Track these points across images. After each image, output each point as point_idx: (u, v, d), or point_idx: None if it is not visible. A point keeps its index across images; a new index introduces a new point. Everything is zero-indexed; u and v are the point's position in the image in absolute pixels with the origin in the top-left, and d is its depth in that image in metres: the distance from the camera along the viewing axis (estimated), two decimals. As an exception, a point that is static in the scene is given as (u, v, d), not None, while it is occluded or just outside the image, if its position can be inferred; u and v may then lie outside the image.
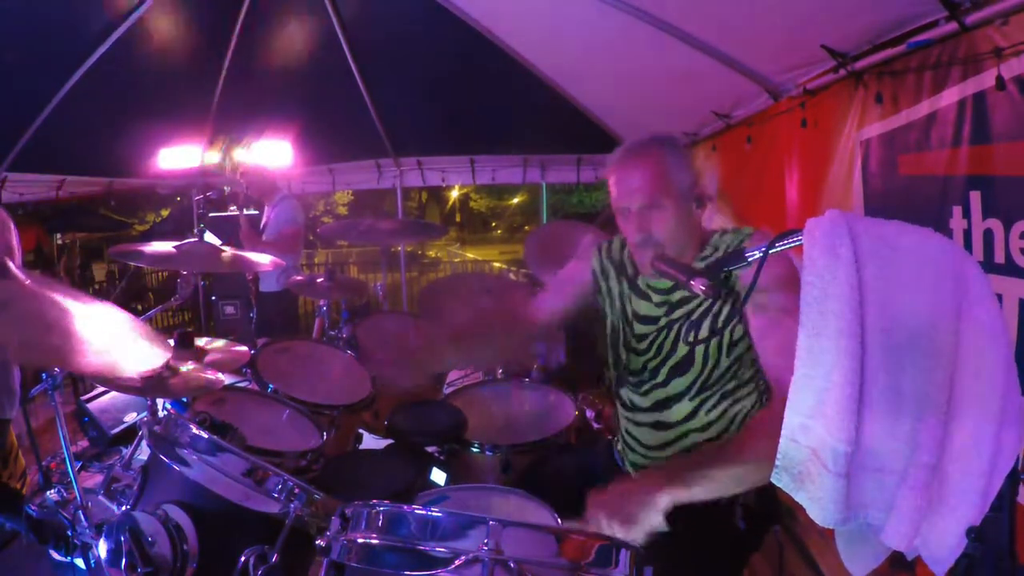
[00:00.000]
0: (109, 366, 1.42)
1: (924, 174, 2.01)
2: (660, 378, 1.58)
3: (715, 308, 1.49)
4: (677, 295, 1.56)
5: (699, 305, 1.51)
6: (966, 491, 0.87)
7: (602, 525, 1.21)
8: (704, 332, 1.50)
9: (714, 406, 1.54)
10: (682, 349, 1.53)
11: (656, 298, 1.59)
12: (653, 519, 1.19)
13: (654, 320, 1.59)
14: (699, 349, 1.51)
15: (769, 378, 1.38)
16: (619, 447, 1.77)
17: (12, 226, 2.37)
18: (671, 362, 1.55)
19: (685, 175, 1.48)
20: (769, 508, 1.58)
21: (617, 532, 1.19)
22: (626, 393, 1.69)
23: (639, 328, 1.62)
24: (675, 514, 1.23)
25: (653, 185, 1.45)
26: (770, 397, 1.53)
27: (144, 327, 1.60)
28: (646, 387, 1.62)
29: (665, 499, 1.19)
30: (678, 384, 1.55)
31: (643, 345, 1.61)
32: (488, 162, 5.71)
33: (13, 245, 2.32)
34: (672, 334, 1.55)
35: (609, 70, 3.89)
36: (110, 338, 1.46)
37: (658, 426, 1.62)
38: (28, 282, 1.52)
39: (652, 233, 1.46)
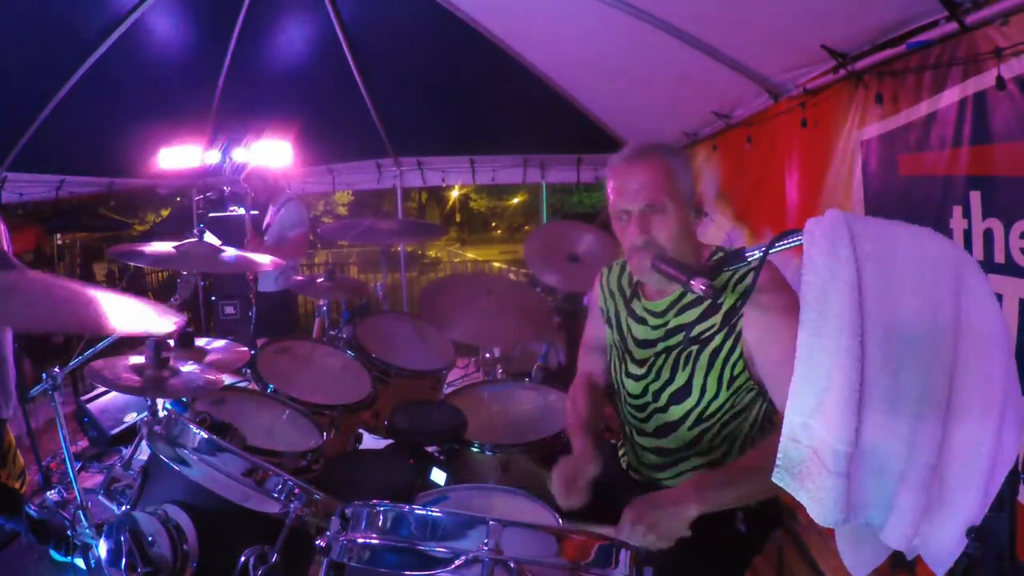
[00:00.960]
0: (138, 326, 1.47)
1: (924, 174, 2.01)
2: (661, 403, 1.57)
3: (716, 342, 1.46)
4: (673, 320, 1.54)
5: (697, 336, 1.49)
6: (966, 491, 0.87)
7: (630, 531, 1.25)
8: (703, 361, 1.48)
9: (715, 436, 1.52)
10: (680, 377, 1.52)
11: (652, 321, 1.58)
12: (680, 530, 1.25)
13: (651, 344, 1.58)
14: (697, 381, 1.49)
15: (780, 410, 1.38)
16: (623, 457, 1.77)
17: (3, 227, 2.37)
18: (670, 388, 1.54)
19: (687, 181, 1.47)
20: (771, 511, 1.57)
21: (645, 540, 1.23)
22: (629, 415, 1.68)
23: (638, 353, 1.61)
24: None
25: (657, 187, 1.42)
26: (771, 422, 1.53)
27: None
28: (648, 411, 1.61)
29: (694, 512, 1.25)
30: (676, 411, 1.54)
31: (643, 370, 1.60)
32: (488, 162, 5.71)
33: (2, 244, 2.32)
34: (670, 359, 1.53)
35: (609, 70, 3.89)
36: (125, 306, 1.49)
37: (660, 452, 1.61)
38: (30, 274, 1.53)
39: (653, 236, 1.43)
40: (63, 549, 2.05)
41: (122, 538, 1.33)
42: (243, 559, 1.34)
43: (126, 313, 1.47)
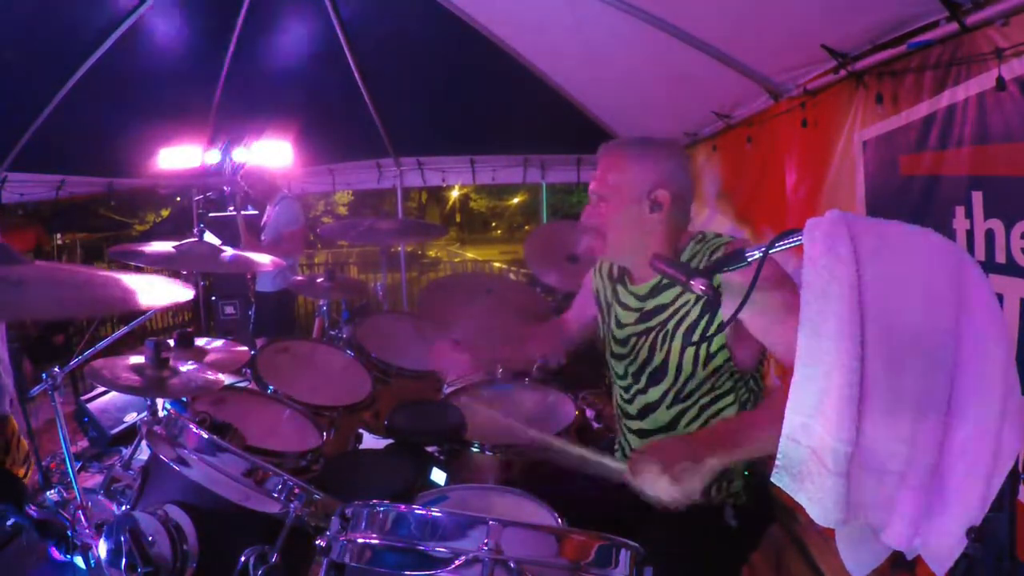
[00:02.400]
0: (164, 299, 1.47)
1: (925, 174, 2.01)
2: (641, 384, 1.60)
3: (692, 318, 1.48)
4: (652, 302, 1.57)
5: (674, 313, 1.52)
6: (966, 491, 0.87)
7: (646, 475, 1.23)
8: (679, 339, 1.50)
9: (694, 417, 1.54)
10: (658, 357, 1.54)
11: (633, 303, 1.62)
12: (696, 483, 1.20)
13: (632, 325, 1.62)
14: (673, 359, 1.51)
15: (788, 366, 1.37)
16: (617, 451, 1.78)
17: None
18: (649, 369, 1.57)
19: (639, 176, 1.52)
20: (763, 507, 1.58)
21: (659, 487, 1.21)
22: (617, 399, 1.71)
23: (618, 332, 1.65)
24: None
25: (603, 177, 1.57)
26: (755, 404, 1.54)
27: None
28: (631, 393, 1.64)
29: (714, 463, 1.22)
30: (655, 392, 1.57)
31: (624, 350, 1.64)
32: (488, 162, 5.71)
33: None
34: (648, 340, 1.57)
35: (610, 70, 3.89)
36: (141, 280, 1.49)
37: (642, 434, 1.63)
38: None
39: (596, 221, 1.57)
40: (63, 547, 2.04)
41: (122, 538, 1.33)
42: (243, 559, 1.34)
43: (145, 288, 1.46)
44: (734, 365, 1.48)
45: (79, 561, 1.61)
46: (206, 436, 1.46)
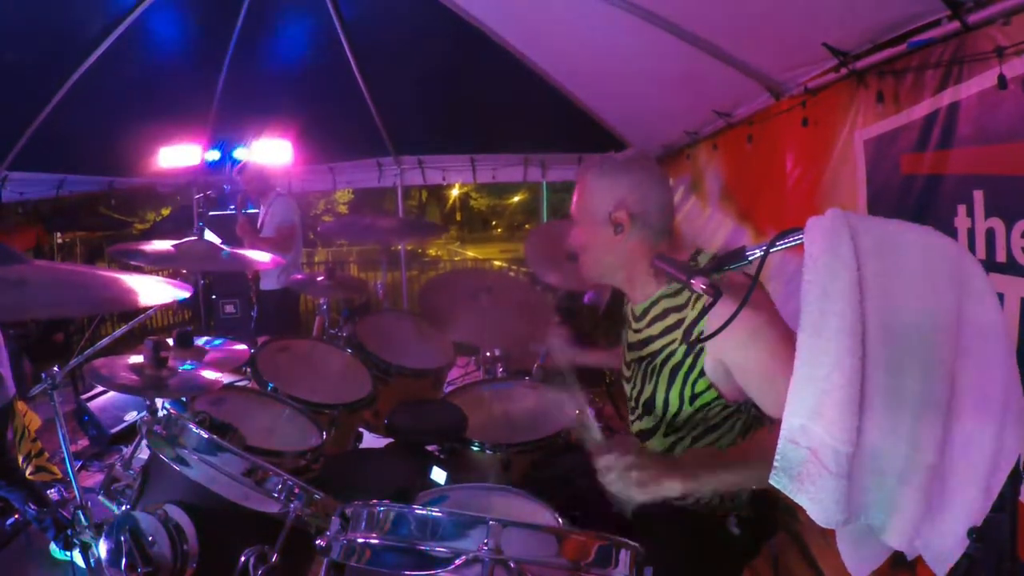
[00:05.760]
0: (164, 298, 1.51)
1: (926, 173, 2.01)
2: (639, 409, 1.60)
3: (677, 358, 1.46)
4: (645, 331, 1.55)
5: (661, 349, 1.49)
6: (967, 491, 0.87)
7: (610, 466, 1.23)
8: (665, 376, 1.48)
9: (688, 447, 1.52)
10: (647, 389, 1.53)
11: (635, 325, 1.61)
12: (653, 495, 1.21)
13: (632, 349, 1.61)
14: (660, 395, 1.50)
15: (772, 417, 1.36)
16: None
17: None
18: (643, 397, 1.56)
19: (599, 198, 1.49)
20: (767, 519, 1.57)
21: (617, 482, 1.21)
22: (629, 414, 1.71)
23: (627, 355, 1.65)
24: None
25: (574, 202, 1.57)
26: (755, 430, 1.52)
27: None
28: (634, 415, 1.64)
29: (677, 488, 1.21)
30: (649, 421, 1.56)
31: (628, 373, 1.64)
32: (489, 161, 5.72)
33: None
34: (641, 369, 1.56)
35: (610, 68, 3.89)
36: (138, 281, 1.51)
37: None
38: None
39: (574, 243, 1.57)
40: (61, 542, 2.04)
41: (122, 538, 1.33)
42: (243, 559, 1.34)
43: (144, 287, 1.50)
44: (724, 400, 1.45)
45: (79, 560, 1.61)
46: (206, 436, 1.46)
